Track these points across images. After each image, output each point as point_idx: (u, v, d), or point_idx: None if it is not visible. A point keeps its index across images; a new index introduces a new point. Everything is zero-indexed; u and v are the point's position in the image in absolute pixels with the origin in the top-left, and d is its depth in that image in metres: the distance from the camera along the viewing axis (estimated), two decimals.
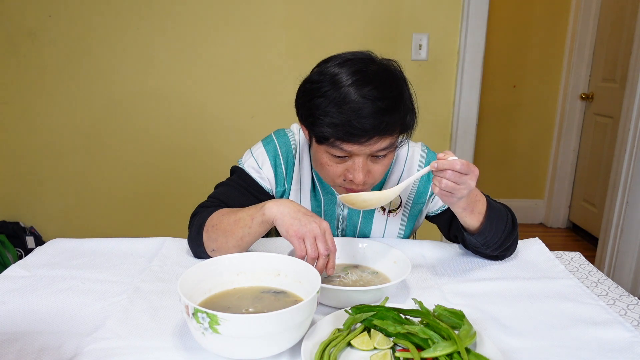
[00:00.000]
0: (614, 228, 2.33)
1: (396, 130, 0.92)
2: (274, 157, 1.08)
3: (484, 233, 0.94)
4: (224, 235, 0.93)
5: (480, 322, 0.77)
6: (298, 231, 0.82)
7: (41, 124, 2.27)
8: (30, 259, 0.97)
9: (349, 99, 0.86)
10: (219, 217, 0.95)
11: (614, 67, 2.85)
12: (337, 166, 0.94)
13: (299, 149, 1.10)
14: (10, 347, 0.68)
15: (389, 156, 0.96)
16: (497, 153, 3.37)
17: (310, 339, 0.67)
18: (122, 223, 2.41)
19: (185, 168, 2.36)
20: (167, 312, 0.79)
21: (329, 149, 0.92)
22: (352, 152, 0.90)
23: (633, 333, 0.74)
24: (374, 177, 0.95)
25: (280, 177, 1.08)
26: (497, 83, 3.21)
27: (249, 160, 1.09)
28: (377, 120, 0.86)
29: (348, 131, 0.87)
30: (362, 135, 0.87)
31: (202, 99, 2.28)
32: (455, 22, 2.25)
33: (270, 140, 1.10)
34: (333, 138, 0.89)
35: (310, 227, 0.82)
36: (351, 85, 0.87)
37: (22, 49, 2.18)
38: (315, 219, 0.84)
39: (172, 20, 2.18)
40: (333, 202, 1.11)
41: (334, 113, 0.87)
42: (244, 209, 0.93)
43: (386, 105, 0.87)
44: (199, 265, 0.76)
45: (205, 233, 0.95)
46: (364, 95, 0.86)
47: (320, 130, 0.90)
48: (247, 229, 0.91)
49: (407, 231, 1.15)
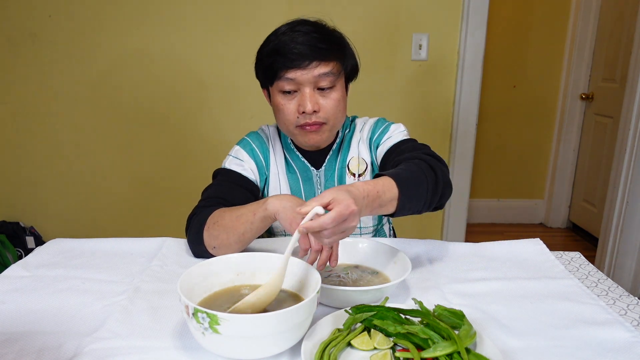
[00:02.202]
0: (614, 228, 2.33)
1: (334, 58, 1.03)
2: (251, 151, 1.17)
3: (403, 209, 0.87)
4: (226, 231, 0.93)
5: (480, 322, 0.77)
6: (296, 219, 0.84)
7: (41, 124, 2.27)
8: (30, 259, 0.97)
9: (286, 33, 1.04)
10: (220, 214, 0.96)
11: (614, 67, 2.85)
12: (289, 103, 1.05)
13: (270, 140, 1.20)
14: (10, 347, 0.68)
15: (336, 90, 1.05)
16: (497, 153, 3.37)
17: (310, 339, 0.67)
18: (122, 223, 2.42)
19: (185, 169, 2.36)
20: (167, 312, 0.79)
21: (279, 85, 1.04)
22: (297, 81, 1.02)
23: (633, 333, 0.74)
24: (325, 111, 1.05)
25: (260, 167, 1.17)
26: (497, 83, 3.21)
27: (229, 160, 1.16)
28: (311, 44, 1.00)
29: (287, 56, 1.00)
30: (300, 59, 1.00)
31: (202, 100, 2.28)
32: (455, 22, 2.25)
33: (243, 140, 1.20)
34: (278, 69, 1.02)
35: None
36: (288, 25, 1.06)
37: (22, 49, 2.18)
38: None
39: (173, 21, 2.18)
40: (309, 177, 1.18)
41: (273, 45, 1.04)
42: (245, 206, 0.95)
43: (320, 36, 1.03)
44: (199, 265, 0.76)
45: (206, 231, 0.96)
46: (298, 29, 1.04)
47: (268, 66, 1.04)
48: (249, 224, 0.92)
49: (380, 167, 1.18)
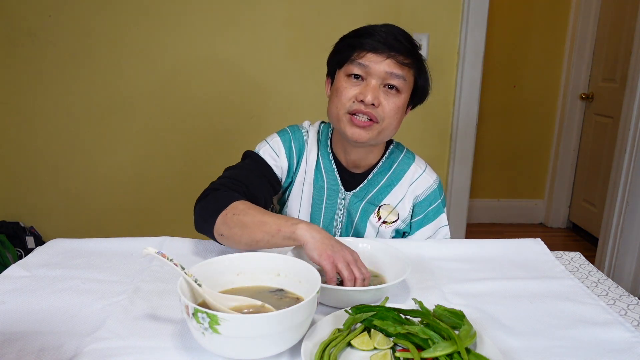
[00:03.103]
0: (614, 228, 2.33)
1: (410, 65, 1.02)
2: (289, 149, 1.13)
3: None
4: (242, 229, 0.89)
5: (480, 322, 0.77)
6: (331, 256, 0.81)
7: (41, 124, 2.27)
8: (30, 259, 0.97)
9: (375, 26, 1.02)
10: (244, 210, 0.91)
11: (614, 67, 2.85)
12: (351, 88, 1.02)
13: (308, 144, 1.15)
14: (10, 347, 0.68)
15: (400, 97, 1.02)
16: (497, 153, 3.37)
17: (310, 339, 0.67)
18: (122, 223, 2.41)
19: (185, 169, 2.36)
20: (167, 312, 0.79)
21: (348, 68, 1.02)
22: (368, 69, 0.99)
23: (633, 333, 0.74)
24: (383, 110, 1.01)
25: (291, 168, 1.13)
26: (497, 83, 3.21)
27: (264, 147, 1.13)
28: (396, 38, 0.99)
29: (370, 37, 0.99)
30: (380, 43, 0.98)
31: (202, 100, 2.28)
32: (455, 22, 2.25)
33: (285, 133, 1.15)
34: (356, 48, 1.00)
35: (342, 253, 0.82)
36: (376, 24, 1.03)
37: (21, 49, 2.18)
38: (344, 247, 0.84)
39: (172, 21, 2.18)
40: (335, 195, 1.14)
41: (361, 28, 1.03)
42: (271, 214, 0.90)
43: (407, 38, 1.02)
44: (199, 265, 0.76)
45: (222, 217, 0.91)
46: (387, 25, 1.02)
47: (347, 45, 1.03)
48: (269, 236, 0.87)
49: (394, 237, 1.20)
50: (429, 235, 1.16)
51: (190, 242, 1.06)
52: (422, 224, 1.16)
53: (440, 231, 1.17)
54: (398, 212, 1.14)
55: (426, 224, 1.16)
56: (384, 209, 1.13)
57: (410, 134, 2.26)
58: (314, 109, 2.17)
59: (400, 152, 1.17)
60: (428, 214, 1.15)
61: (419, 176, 1.15)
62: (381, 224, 1.14)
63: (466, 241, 1.09)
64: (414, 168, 1.15)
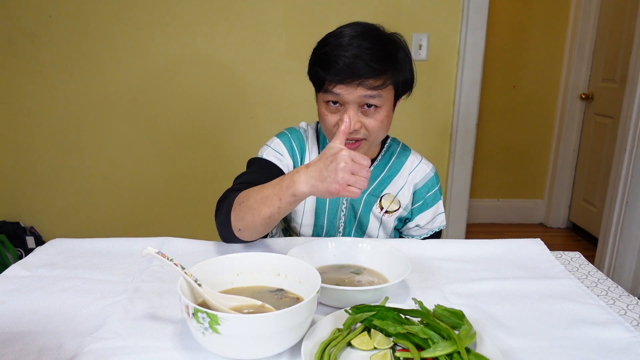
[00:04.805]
0: (614, 228, 2.33)
1: (385, 78, 0.98)
2: (290, 148, 1.16)
3: None
4: (251, 213, 0.90)
5: (480, 322, 0.77)
6: (327, 190, 0.81)
7: (41, 124, 2.27)
8: (30, 259, 0.97)
9: (339, 43, 0.97)
10: (245, 195, 0.93)
11: (614, 67, 2.85)
12: (331, 116, 1.03)
13: (308, 141, 1.18)
14: (10, 347, 0.68)
15: (382, 110, 1.01)
16: (497, 153, 3.37)
17: (310, 339, 0.67)
18: (123, 223, 2.42)
19: (185, 169, 2.36)
20: (167, 312, 0.79)
21: (323, 96, 1.02)
22: (342, 98, 0.98)
23: (633, 333, 0.74)
24: (367, 130, 1.02)
25: (296, 166, 1.16)
26: (497, 83, 3.21)
27: (267, 150, 1.15)
28: (363, 60, 0.94)
29: (333, 69, 0.96)
30: (346, 75, 0.95)
31: (202, 100, 2.28)
32: (455, 22, 2.25)
33: (284, 134, 1.18)
34: (324, 81, 0.98)
35: (335, 176, 0.80)
36: (342, 31, 0.99)
37: (21, 49, 2.18)
38: (333, 165, 0.81)
39: (172, 20, 2.18)
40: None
41: (323, 53, 0.99)
42: (268, 187, 0.90)
43: (374, 52, 0.95)
44: (199, 265, 0.76)
45: (233, 212, 0.94)
46: (351, 42, 0.96)
47: (314, 75, 1.02)
48: (277, 209, 0.87)
49: (397, 227, 1.23)
50: (428, 221, 1.20)
51: (190, 242, 1.06)
52: (421, 209, 1.20)
53: (438, 217, 1.22)
54: (399, 200, 1.18)
55: (425, 210, 1.20)
56: (385, 198, 1.17)
57: (410, 134, 2.27)
58: (314, 109, 2.16)
59: (397, 145, 1.22)
60: (427, 200, 1.20)
61: (417, 165, 1.20)
62: (384, 213, 1.17)
63: (466, 241, 1.10)
64: (412, 158, 1.21)
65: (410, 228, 1.22)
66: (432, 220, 1.21)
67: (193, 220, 2.33)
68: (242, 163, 1.22)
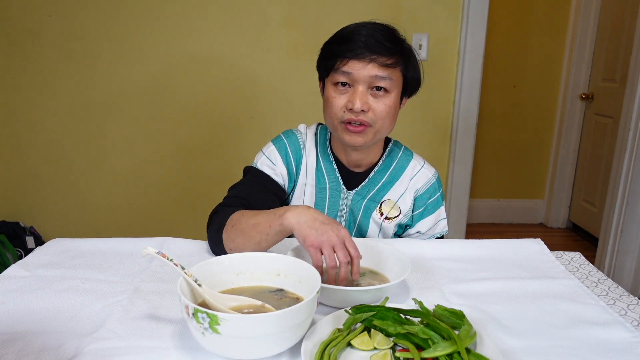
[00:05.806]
0: (614, 228, 2.33)
1: (395, 63, 1.01)
2: (285, 155, 1.14)
3: None
4: (242, 237, 0.93)
5: (480, 322, 0.77)
6: (314, 241, 0.82)
7: (41, 124, 2.27)
8: (30, 259, 0.97)
9: (354, 27, 1.02)
10: (238, 218, 0.95)
11: (614, 67, 2.85)
12: (340, 97, 1.03)
13: (306, 146, 1.16)
14: (10, 347, 0.68)
15: (390, 97, 1.03)
16: (497, 153, 3.37)
17: (310, 339, 0.67)
18: (122, 223, 2.41)
19: (185, 169, 2.36)
20: (167, 312, 0.79)
21: (334, 77, 1.03)
22: (353, 76, 1.00)
23: (633, 333, 0.74)
24: (374, 113, 1.02)
25: (291, 173, 1.15)
26: (497, 83, 3.21)
27: (261, 159, 1.14)
28: (376, 39, 0.98)
29: (349, 44, 0.99)
30: (361, 49, 0.98)
31: (202, 100, 2.28)
32: (455, 22, 2.25)
33: (279, 139, 1.16)
34: (337, 57, 1.00)
35: (327, 236, 0.82)
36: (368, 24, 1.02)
37: (22, 49, 2.18)
38: (333, 226, 0.83)
39: (172, 20, 2.18)
40: (337, 194, 1.15)
41: (339, 33, 1.04)
42: (263, 213, 0.92)
43: (387, 36, 1.00)
44: (199, 265, 0.76)
45: (225, 232, 0.96)
46: (366, 25, 1.02)
47: (328, 53, 1.04)
48: (265, 235, 0.90)
49: (397, 233, 1.22)
50: (429, 227, 1.19)
51: (190, 242, 1.06)
52: (422, 216, 1.19)
53: (439, 224, 1.20)
54: (400, 206, 1.16)
55: (426, 216, 1.18)
56: (385, 204, 1.16)
57: (410, 134, 2.27)
58: (314, 109, 2.16)
59: (399, 150, 1.20)
60: (428, 207, 1.18)
61: (419, 171, 1.18)
62: (384, 219, 1.16)
63: (466, 241, 1.10)
64: (414, 163, 1.18)
65: (411, 234, 1.20)
66: (434, 227, 1.19)
67: (193, 220, 2.32)
68: (242, 163, 1.22)
